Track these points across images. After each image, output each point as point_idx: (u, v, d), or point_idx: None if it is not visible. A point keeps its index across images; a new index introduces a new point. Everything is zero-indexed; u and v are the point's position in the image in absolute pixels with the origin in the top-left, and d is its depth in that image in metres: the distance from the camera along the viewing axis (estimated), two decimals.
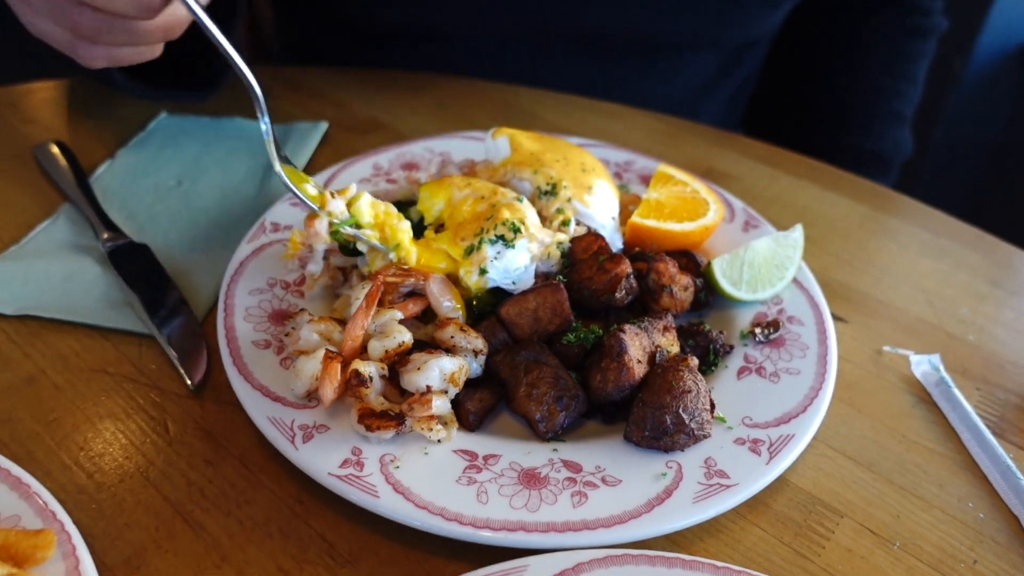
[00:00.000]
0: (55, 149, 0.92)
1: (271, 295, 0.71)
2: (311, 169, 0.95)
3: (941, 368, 0.75)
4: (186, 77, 0.95)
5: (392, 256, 0.68)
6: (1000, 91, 2.45)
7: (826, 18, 1.36)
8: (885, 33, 1.34)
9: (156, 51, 0.70)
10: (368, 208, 0.71)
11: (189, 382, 0.67)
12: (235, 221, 0.85)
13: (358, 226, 0.70)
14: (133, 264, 0.77)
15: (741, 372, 0.68)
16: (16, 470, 0.54)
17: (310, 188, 0.69)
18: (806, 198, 1.00)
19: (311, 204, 0.68)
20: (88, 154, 0.94)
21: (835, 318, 0.81)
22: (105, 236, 0.80)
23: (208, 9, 0.64)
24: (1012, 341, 0.81)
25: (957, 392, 0.73)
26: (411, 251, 0.69)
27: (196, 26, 0.62)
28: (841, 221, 0.96)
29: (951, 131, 2.52)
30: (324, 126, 1.02)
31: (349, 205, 0.72)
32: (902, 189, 1.03)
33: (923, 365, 0.76)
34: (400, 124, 1.06)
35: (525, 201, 0.72)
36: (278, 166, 0.67)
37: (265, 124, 0.66)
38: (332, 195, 0.69)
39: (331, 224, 0.69)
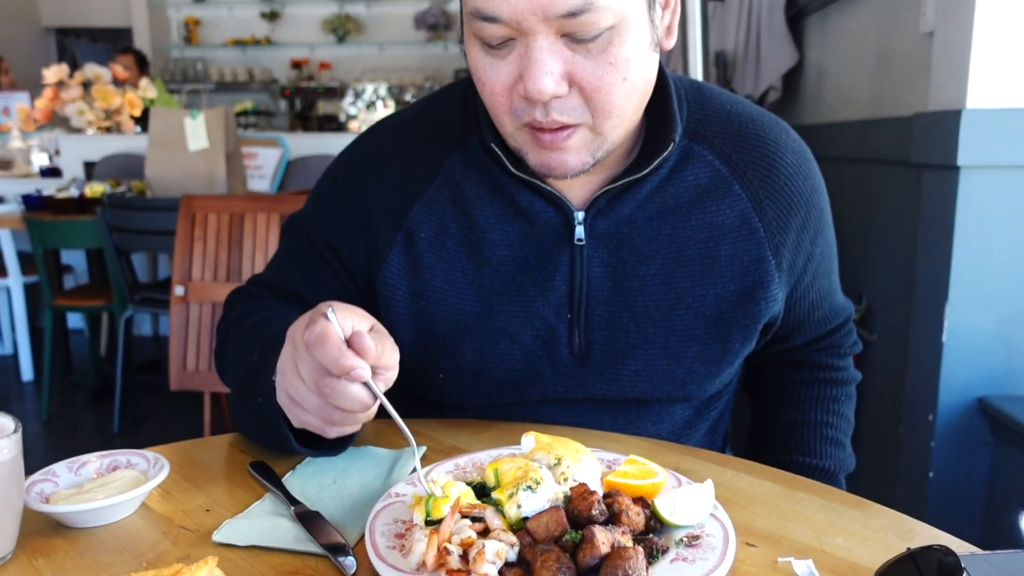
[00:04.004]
0: (260, 465, 1.50)
1: (394, 526, 1.22)
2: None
3: (813, 567, 1.17)
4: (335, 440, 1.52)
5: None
6: (973, 439, 2.90)
7: (761, 375, 1.96)
8: (807, 385, 1.91)
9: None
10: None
11: None
12: (371, 499, 1.37)
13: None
14: (311, 521, 1.30)
15: (672, 561, 1.13)
16: None
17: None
18: (742, 483, 1.48)
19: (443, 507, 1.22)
20: (280, 467, 1.51)
21: (748, 544, 1.25)
22: (293, 508, 1.34)
23: None
24: (870, 555, 1.23)
25: None
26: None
27: None
28: (764, 496, 1.43)
29: (941, 478, 2.92)
30: (424, 449, 1.59)
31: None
32: None
33: (802, 567, 1.18)
34: (472, 448, 1.62)
35: (544, 468, 1.24)
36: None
37: (421, 481, 1.25)
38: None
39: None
